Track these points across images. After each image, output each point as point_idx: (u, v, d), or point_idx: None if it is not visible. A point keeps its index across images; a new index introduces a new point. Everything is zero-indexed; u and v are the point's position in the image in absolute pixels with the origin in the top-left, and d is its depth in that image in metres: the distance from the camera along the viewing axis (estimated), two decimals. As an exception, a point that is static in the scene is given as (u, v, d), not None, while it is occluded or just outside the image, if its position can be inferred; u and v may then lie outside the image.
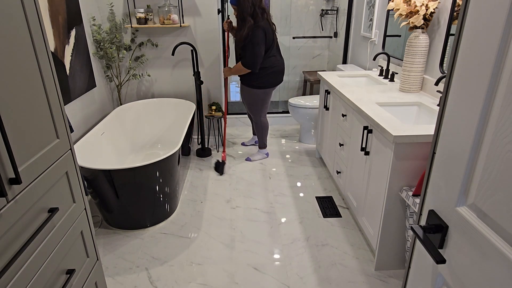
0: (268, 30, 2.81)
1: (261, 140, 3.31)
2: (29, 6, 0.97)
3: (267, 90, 3.03)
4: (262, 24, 2.77)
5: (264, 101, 3.08)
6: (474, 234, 0.72)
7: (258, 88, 3.00)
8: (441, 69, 2.21)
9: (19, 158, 0.92)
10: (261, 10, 2.78)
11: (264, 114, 3.17)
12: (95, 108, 3.01)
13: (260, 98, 3.05)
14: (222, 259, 2.11)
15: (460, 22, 0.76)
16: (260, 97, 3.05)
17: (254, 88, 3.00)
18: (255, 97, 3.04)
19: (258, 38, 2.77)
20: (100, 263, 1.42)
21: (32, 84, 0.99)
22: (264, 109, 3.14)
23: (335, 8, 4.52)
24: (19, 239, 0.92)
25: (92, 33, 2.96)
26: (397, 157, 1.73)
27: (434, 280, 0.88)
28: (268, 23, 2.82)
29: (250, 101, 3.10)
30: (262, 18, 2.78)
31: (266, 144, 3.34)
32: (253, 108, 3.12)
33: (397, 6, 2.30)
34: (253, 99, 3.06)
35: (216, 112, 3.48)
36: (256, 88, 2.99)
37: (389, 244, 1.94)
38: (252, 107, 3.12)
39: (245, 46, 2.83)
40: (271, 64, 2.93)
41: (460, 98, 0.76)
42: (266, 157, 3.37)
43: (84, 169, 2.08)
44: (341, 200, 2.70)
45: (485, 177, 0.69)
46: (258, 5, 2.76)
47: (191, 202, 2.69)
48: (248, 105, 3.15)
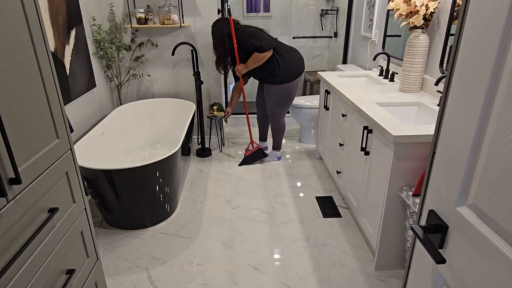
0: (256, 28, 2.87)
1: (277, 141, 3.28)
2: (29, 6, 0.97)
3: (296, 82, 2.98)
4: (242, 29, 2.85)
5: (290, 97, 3.03)
6: (474, 234, 0.72)
7: (287, 82, 2.95)
8: (441, 69, 2.21)
9: (19, 158, 0.92)
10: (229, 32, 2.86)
11: (284, 114, 3.14)
12: (95, 108, 3.01)
13: (288, 92, 3.00)
14: (222, 259, 2.11)
15: (460, 22, 0.76)
16: (290, 91, 3.00)
17: (283, 83, 2.95)
18: (285, 93, 2.99)
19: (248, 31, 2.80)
20: (100, 263, 1.42)
21: (32, 84, 0.99)
22: (286, 108, 3.10)
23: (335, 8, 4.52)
24: (19, 239, 0.92)
25: (92, 33, 2.96)
26: (397, 157, 1.73)
27: (434, 280, 0.88)
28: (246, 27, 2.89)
29: (276, 100, 3.03)
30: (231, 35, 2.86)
31: (281, 146, 3.33)
32: (277, 106, 3.06)
33: (397, 6, 2.30)
34: (281, 95, 3.01)
35: (218, 112, 3.47)
36: (285, 82, 2.95)
37: (389, 244, 1.94)
38: (277, 105, 3.06)
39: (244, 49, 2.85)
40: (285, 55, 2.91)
41: (460, 98, 0.76)
42: (277, 160, 3.33)
43: (84, 169, 2.08)
44: (341, 200, 2.70)
45: (485, 177, 0.69)
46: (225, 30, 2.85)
47: (191, 202, 2.69)
48: (273, 104, 3.07)
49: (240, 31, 2.83)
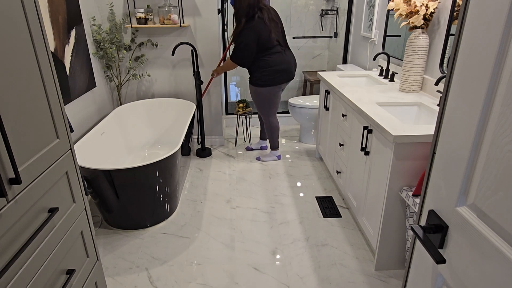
0: (262, 30, 2.79)
1: (272, 141, 3.28)
2: (29, 6, 0.97)
3: (271, 89, 2.99)
4: (255, 25, 2.77)
5: (270, 100, 3.05)
6: (474, 234, 0.72)
7: (262, 87, 2.98)
8: (441, 69, 2.21)
9: (19, 158, 0.92)
10: (258, 10, 2.78)
11: (272, 114, 3.13)
12: (95, 108, 3.01)
13: (265, 97, 3.02)
14: (222, 259, 2.11)
15: (460, 22, 0.76)
16: (265, 96, 3.02)
17: (258, 86, 2.99)
18: (260, 96, 3.03)
19: (246, 38, 2.79)
20: (100, 263, 1.42)
21: (32, 84, 0.99)
22: (272, 109, 3.10)
23: (335, 8, 4.52)
24: (19, 239, 0.92)
25: (92, 33, 2.96)
26: (397, 157, 1.73)
27: (434, 280, 0.88)
28: (263, 23, 2.79)
29: (256, 101, 3.09)
30: (254, 19, 2.77)
31: (278, 146, 3.31)
32: (260, 107, 3.10)
33: (397, 6, 2.30)
34: (259, 98, 3.05)
35: (247, 108, 3.50)
36: (260, 86, 2.98)
37: (389, 244, 1.94)
38: (259, 106, 3.10)
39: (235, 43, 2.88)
40: (273, 62, 2.90)
41: (460, 98, 0.76)
42: (277, 160, 3.33)
43: (84, 169, 2.08)
44: (341, 200, 2.70)
45: (485, 177, 0.69)
46: (256, 5, 2.76)
47: (191, 202, 2.69)
48: (256, 105, 3.14)
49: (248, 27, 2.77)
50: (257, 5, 2.77)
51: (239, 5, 2.76)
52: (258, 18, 2.78)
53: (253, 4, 2.75)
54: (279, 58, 2.93)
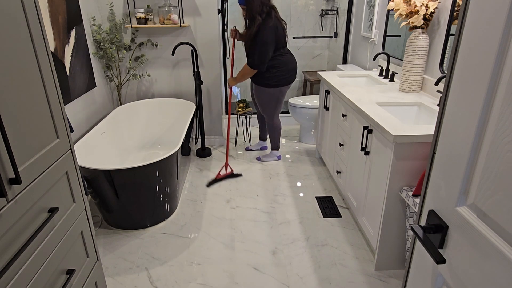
0: (278, 28, 2.76)
1: (274, 142, 3.26)
2: (29, 6, 0.97)
3: (282, 89, 2.96)
4: (272, 22, 2.71)
5: (278, 101, 3.02)
6: (474, 234, 0.72)
7: (274, 87, 2.92)
8: (441, 69, 2.21)
9: (19, 158, 0.92)
10: (270, 8, 2.73)
11: (277, 114, 3.11)
12: (95, 108, 3.01)
13: (275, 97, 2.98)
14: (222, 259, 2.11)
15: (460, 22, 0.76)
16: (275, 96, 2.98)
17: (269, 87, 2.92)
18: (269, 96, 2.97)
19: (266, 36, 2.71)
20: (100, 263, 1.42)
21: (32, 84, 0.99)
22: (278, 109, 3.08)
23: (335, 8, 4.52)
24: (19, 239, 0.92)
25: (92, 33, 2.96)
26: (397, 157, 1.73)
27: (434, 280, 0.88)
28: (278, 20, 2.76)
29: (263, 101, 3.02)
30: (271, 16, 2.72)
31: (279, 146, 3.31)
32: (266, 108, 3.05)
33: (397, 6, 2.30)
34: (268, 98, 2.99)
35: (247, 108, 3.48)
36: (272, 87, 2.92)
37: (389, 244, 1.94)
38: (266, 107, 3.04)
39: (253, 45, 2.77)
40: (285, 61, 2.88)
41: (460, 98, 0.76)
42: (277, 160, 3.33)
43: (84, 169, 2.08)
44: (341, 200, 2.70)
45: (485, 177, 0.69)
46: (266, 3, 2.71)
47: (191, 202, 2.69)
48: (261, 106, 3.07)
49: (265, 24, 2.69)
50: (267, 3, 2.71)
51: (250, 4, 2.67)
52: (272, 16, 2.72)
53: (265, 1, 2.69)
54: (291, 57, 2.92)
